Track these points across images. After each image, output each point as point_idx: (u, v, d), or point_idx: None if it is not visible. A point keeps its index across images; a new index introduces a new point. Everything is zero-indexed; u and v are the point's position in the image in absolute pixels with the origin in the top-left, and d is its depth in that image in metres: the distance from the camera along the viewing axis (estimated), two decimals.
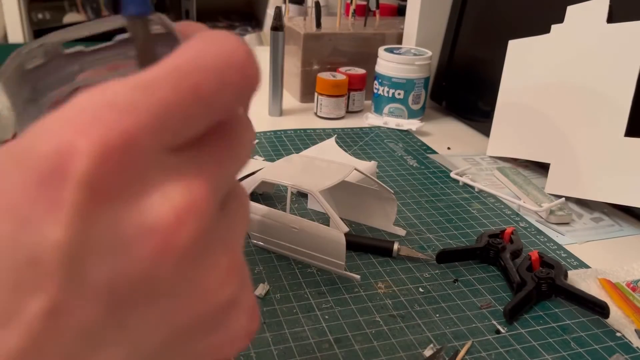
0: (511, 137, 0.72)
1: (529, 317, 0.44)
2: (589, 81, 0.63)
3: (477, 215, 0.59)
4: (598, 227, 0.59)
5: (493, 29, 0.82)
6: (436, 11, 0.89)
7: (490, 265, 0.50)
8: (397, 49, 0.85)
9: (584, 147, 0.62)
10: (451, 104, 0.90)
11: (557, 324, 0.43)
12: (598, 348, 0.41)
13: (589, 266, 0.51)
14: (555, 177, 0.64)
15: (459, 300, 0.45)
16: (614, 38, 0.61)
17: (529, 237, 0.55)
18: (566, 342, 0.41)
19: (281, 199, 0.60)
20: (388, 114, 0.85)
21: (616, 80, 0.59)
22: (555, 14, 0.68)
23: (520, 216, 0.60)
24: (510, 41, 0.73)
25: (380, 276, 0.48)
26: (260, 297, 0.44)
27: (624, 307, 0.44)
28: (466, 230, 0.56)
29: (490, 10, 0.83)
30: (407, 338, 0.41)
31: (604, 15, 0.62)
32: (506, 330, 0.42)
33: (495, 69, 0.75)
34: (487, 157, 0.75)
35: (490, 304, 0.45)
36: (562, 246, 0.54)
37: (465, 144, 0.79)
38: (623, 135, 0.58)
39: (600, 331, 0.43)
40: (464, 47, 0.87)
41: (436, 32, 0.90)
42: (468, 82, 0.86)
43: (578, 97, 0.64)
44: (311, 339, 0.40)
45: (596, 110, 0.61)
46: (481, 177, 0.68)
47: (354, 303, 0.44)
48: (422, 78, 0.83)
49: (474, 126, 0.84)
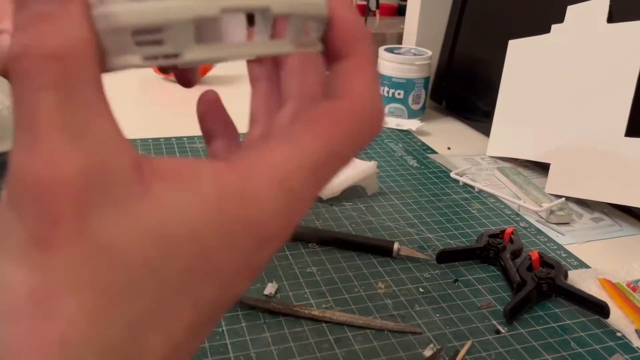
0: (511, 137, 0.72)
1: (529, 317, 0.44)
2: (589, 81, 0.63)
3: (477, 215, 0.59)
4: (598, 227, 0.59)
5: (493, 28, 0.82)
6: (436, 11, 0.89)
7: (491, 265, 0.50)
8: (397, 49, 0.85)
9: (584, 147, 0.62)
10: (451, 103, 0.90)
11: (557, 324, 0.43)
12: (598, 348, 0.41)
13: (589, 266, 0.51)
14: (555, 177, 0.64)
15: (459, 300, 0.45)
16: (614, 38, 0.61)
17: (529, 237, 0.55)
18: (566, 342, 0.41)
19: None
20: (388, 113, 0.85)
21: (616, 80, 0.59)
22: (555, 14, 0.68)
23: (521, 216, 0.60)
24: (511, 41, 0.73)
25: (380, 276, 0.48)
26: (271, 296, 0.44)
27: (624, 307, 0.44)
28: (466, 230, 0.56)
29: (490, 10, 0.83)
30: (407, 338, 0.41)
31: (604, 15, 0.62)
32: (506, 330, 0.42)
33: (495, 69, 0.75)
34: (487, 157, 0.75)
35: (490, 304, 0.45)
36: (562, 246, 0.54)
37: (465, 144, 0.79)
38: (623, 135, 0.58)
39: (600, 331, 0.43)
40: (464, 47, 0.87)
41: (436, 32, 0.90)
42: (468, 82, 0.86)
43: (578, 97, 0.64)
44: (311, 339, 0.40)
45: (596, 110, 0.61)
46: (481, 177, 0.68)
47: (354, 303, 0.44)
48: (422, 78, 0.83)
49: (474, 126, 0.84)
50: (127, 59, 0.17)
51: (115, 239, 0.15)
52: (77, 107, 0.15)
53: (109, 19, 0.16)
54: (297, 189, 0.18)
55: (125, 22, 0.16)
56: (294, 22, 0.19)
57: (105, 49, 0.17)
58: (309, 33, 0.20)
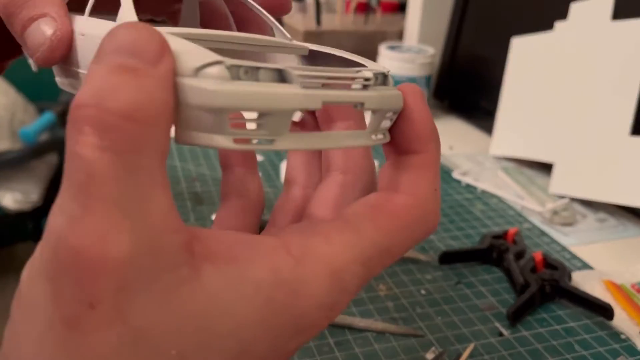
0: (515, 136, 0.72)
1: (533, 319, 0.43)
2: (593, 79, 0.62)
3: (480, 216, 0.59)
4: (603, 228, 0.58)
5: (496, 26, 0.81)
6: (438, 8, 0.88)
7: (494, 266, 0.50)
8: (398, 47, 0.85)
9: (589, 147, 0.61)
10: (454, 102, 0.90)
11: (560, 326, 0.43)
12: (602, 351, 0.40)
13: (594, 267, 0.50)
14: (559, 177, 0.63)
15: (462, 303, 0.45)
16: (618, 35, 0.60)
17: (532, 238, 0.55)
18: (570, 345, 0.41)
19: None
20: None
21: (621, 78, 0.59)
22: (559, 11, 0.67)
23: (524, 217, 0.59)
24: (514, 39, 0.72)
25: (381, 278, 0.47)
26: None
27: (629, 309, 0.44)
28: (469, 231, 0.55)
29: (493, 8, 0.82)
30: (409, 341, 0.40)
31: (609, 12, 0.61)
32: (509, 333, 0.42)
33: (498, 67, 0.75)
34: (490, 156, 0.74)
35: (493, 306, 0.44)
36: (566, 247, 0.54)
37: (468, 143, 0.78)
38: (628, 134, 0.57)
39: (604, 333, 0.42)
40: (467, 44, 0.86)
41: (438, 30, 0.89)
42: (471, 80, 0.85)
43: (582, 96, 0.63)
44: (311, 342, 0.40)
45: (600, 108, 0.61)
46: (484, 177, 0.68)
47: (354, 305, 0.44)
48: (424, 76, 0.83)
49: (477, 125, 0.84)
50: (215, 139, 0.16)
51: (154, 327, 0.14)
52: (136, 179, 0.14)
53: (207, 94, 0.15)
54: (347, 281, 0.17)
55: (227, 103, 0.15)
56: (377, 116, 0.19)
57: (185, 122, 0.16)
58: (383, 125, 0.20)
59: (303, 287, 0.16)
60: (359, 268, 0.18)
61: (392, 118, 0.20)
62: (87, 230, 0.13)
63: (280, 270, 0.16)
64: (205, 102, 0.15)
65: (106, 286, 0.13)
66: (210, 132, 0.15)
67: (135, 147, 0.14)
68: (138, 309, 0.14)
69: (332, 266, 0.17)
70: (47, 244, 0.14)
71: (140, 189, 0.14)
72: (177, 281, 0.15)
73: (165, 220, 0.15)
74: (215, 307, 0.15)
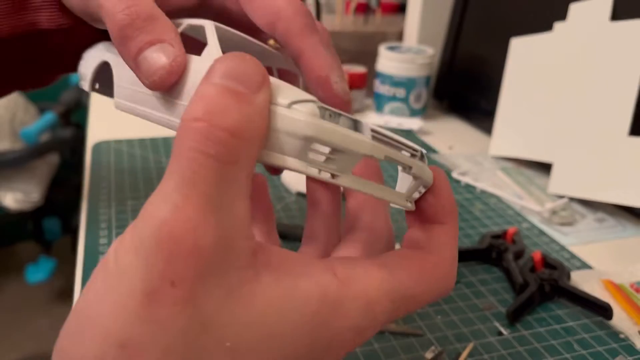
0: (514, 137, 0.72)
1: (532, 318, 0.43)
2: (592, 79, 0.62)
3: (479, 215, 0.59)
4: (602, 228, 0.58)
5: (495, 26, 0.81)
6: (438, 9, 0.88)
7: (493, 266, 0.50)
8: (398, 47, 0.85)
9: (588, 147, 0.61)
10: (453, 102, 0.90)
11: (560, 325, 0.43)
12: (601, 350, 0.40)
13: (593, 267, 0.51)
14: (558, 177, 0.64)
15: (461, 302, 0.45)
16: (617, 36, 0.60)
17: (531, 238, 0.55)
18: (569, 344, 0.41)
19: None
20: (389, 112, 0.84)
21: (620, 79, 0.59)
22: (558, 12, 0.67)
23: (523, 217, 0.59)
24: (513, 39, 0.73)
25: None
26: None
27: (628, 308, 0.44)
28: (468, 231, 0.56)
29: (492, 8, 0.82)
30: (409, 340, 0.40)
31: (608, 13, 0.62)
32: (508, 332, 0.42)
33: (497, 68, 0.75)
34: (490, 156, 0.74)
35: (492, 306, 0.45)
36: (565, 247, 0.54)
37: (467, 144, 0.78)
38: (627, 135, 0.58)
39: (603, 333, 0.42)
40: (466, 45, 0.87)
41: (438, 30, 0.89)
42: (470, 80, 0.85)
43: (581, 96, 0.63)
44: None
45: (599, 108, 0.61)
46: (483, 177, 0.68)
47: None
48: (424, 76, 0.83)
49: (476, 125, 0.84)
50: (291, 161, 0.18)
51: (217, 316, 0.16)
52: (229, 185, 0.16)
53: (299, 124, 0.18)
54: (378, 312, 0.20)
55: (315, 134, 0.18)
56: (416, 184, 0.23)
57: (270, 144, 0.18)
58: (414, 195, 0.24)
59: (342, 307, 0.19)
60: (388, 304, 0.20)
61: (421, 191, 0.24)
62: (186, 218, 0.16)
63: (327, 288, 0.18)
64: (296, 131, 0.18)
65: (189, 269, 0.16)
66: (290, 156, 0.18)
67: (234, 159, 0.16)
68: (208, 296, 0.16)
69: (368, 295, 0.19)
70: (146, 225, 0.16)
71: (230, 194, 0.16)
72: (242, 280, 0.17)
73: (243, 226, 0.17)
74: (271, 310, 0.17)
